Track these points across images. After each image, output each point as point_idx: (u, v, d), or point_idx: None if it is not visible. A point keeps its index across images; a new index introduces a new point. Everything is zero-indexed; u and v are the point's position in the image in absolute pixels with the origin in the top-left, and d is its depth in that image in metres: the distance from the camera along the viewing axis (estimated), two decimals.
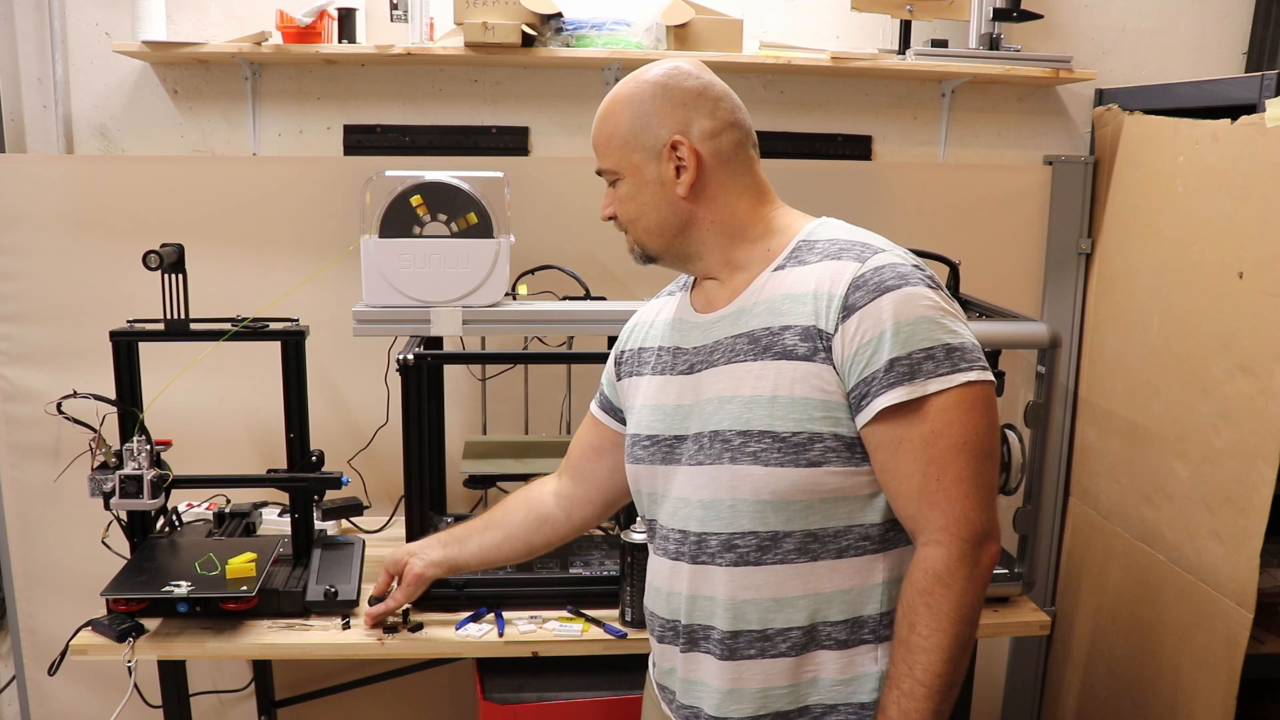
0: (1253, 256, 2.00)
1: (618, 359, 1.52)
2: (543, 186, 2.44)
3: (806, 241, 1.29)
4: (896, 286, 1.18)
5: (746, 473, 1.23)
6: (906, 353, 1.16)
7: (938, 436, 1.17)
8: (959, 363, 1.17)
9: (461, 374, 2.47)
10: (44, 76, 2.43)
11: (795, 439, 1.20)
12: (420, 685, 2.48)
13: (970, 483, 1.18)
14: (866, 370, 1.18)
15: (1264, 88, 2.05)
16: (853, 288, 1.19)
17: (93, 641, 1.82)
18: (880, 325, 1.17)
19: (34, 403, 2.34)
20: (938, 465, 1.17)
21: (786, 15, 2.56)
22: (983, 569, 1.20)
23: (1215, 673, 2.07)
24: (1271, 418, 1.93)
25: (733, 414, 1.25)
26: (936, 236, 2.39)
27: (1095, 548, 2.57)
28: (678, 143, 1.29)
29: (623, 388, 1.49)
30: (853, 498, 1.23)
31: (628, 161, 1.32)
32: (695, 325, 1.36)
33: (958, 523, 1.18)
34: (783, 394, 1.21)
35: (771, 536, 1.24)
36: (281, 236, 2.43)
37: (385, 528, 2.38)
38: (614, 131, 1.33)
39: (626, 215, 1.35)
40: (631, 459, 1.42)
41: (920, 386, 1.16)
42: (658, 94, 1.31)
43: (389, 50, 2.29)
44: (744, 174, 1.33)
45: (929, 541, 1.19)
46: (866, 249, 1.23)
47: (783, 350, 1.22)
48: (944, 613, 1.18)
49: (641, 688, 1.52)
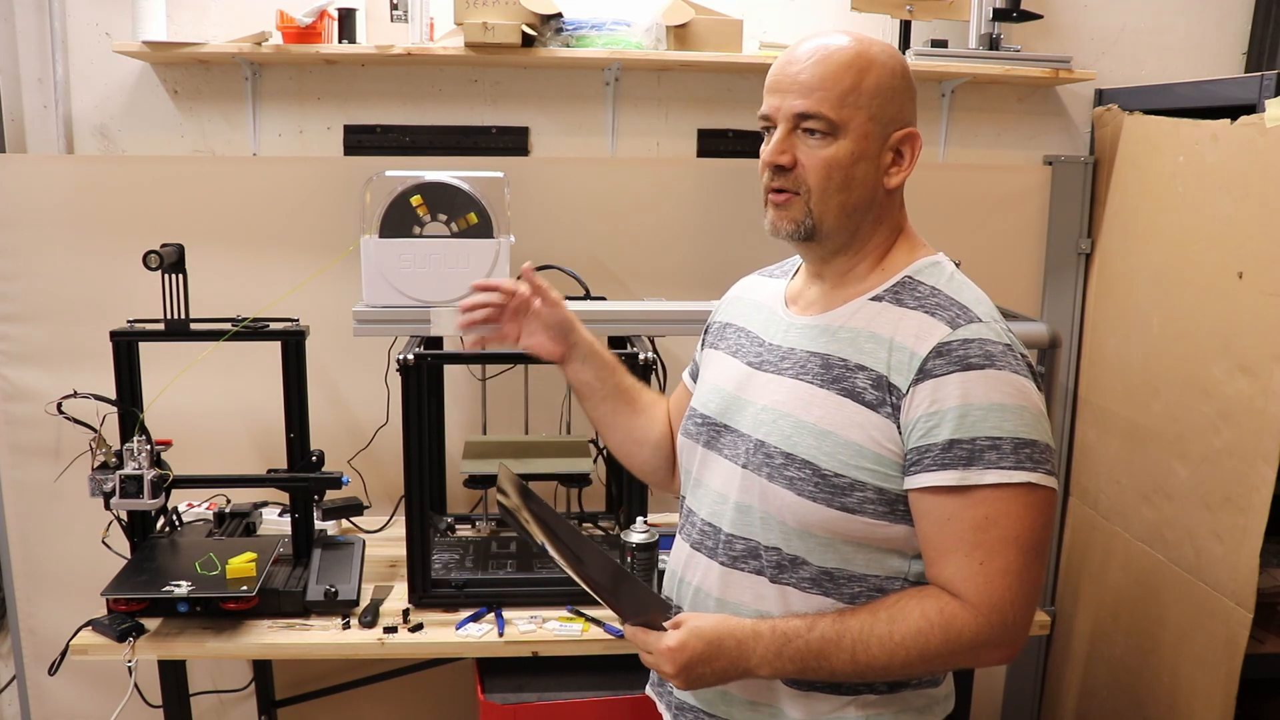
0: (1252, 256, 2.00)
1: (707, 328, 1.48)
2: (543, 186, 2.45)
3: (911, 280, 1.23)
4: (979, 366, 1.13)
5: (778, 494, 1.21)
6: (970, 437, 1.12)
7: (990, 524, 1.12)
8: (1024, 460, 1.11)
9: (461, 374, 2.47)
10: (44, 76, 2.43)
11: (837, 480, 1.17)
12: (420, 685, 2.48)
13: (1016, 576, 1.13)
14: (924, 440, 1.14)
15: (1264, 88, 2.05)
16: (935, 353, 1.14)
17: (93, 641, 1.82)
18: (948, 401, 1.12)
19: (34, 403, 2.34)
20: (984, 551, 1.12)
21: (786, 15, 2.56)
22: (989, 656, 1.17)
23: (1215, 672, 2.07)
24: (1271, 418, 1.93)
25: (782, 431, 1.22)
26: (936, 236, 2.37)
27: (1095, 548, 2.57)
28: (914, 136, 1.21)
29: (704, 358, 1.45)
30: (880, 550, 1.20)
31: (858, 123, 1.18)
32: (782, 321, 1.31)
33: (993, 610, 1.13)
34: (837, 432, 1.18)
35: (791, 560, 1.23)
36: (281, 236, 2.43)
37: (385, 528, 2.38)
38: (855, 84, 1.17)
39: (823, 177, 1.19)
40: (683, 431, 1.39)
41: (976, 475, 1.11)
42: (906, 76, 1.21)
43: (389, 50, 2.29)
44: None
45: (965, 604, 1.14)
46: (964, 313, 1.17)
47: (851, 390, 1.18)
48: (928, 653, 1.15)
49: (642, 688, 1.52)
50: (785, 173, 1.20)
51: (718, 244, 2.51)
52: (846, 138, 1.18)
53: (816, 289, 1.30)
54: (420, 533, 1.96)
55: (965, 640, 1.14)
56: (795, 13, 2.57)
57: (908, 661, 1.15)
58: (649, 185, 2.52)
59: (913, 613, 1.15)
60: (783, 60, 1.22)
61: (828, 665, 1.17)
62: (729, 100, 2.59)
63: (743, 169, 2.45)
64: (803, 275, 1.35)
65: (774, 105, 1.21)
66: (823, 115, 1.17)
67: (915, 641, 1.14)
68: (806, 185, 1.20)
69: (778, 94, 1.21)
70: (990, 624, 1.13)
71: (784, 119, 1.20)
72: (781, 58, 1.23)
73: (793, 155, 1.19)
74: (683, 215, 2.53)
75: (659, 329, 2.13)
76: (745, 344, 1.35)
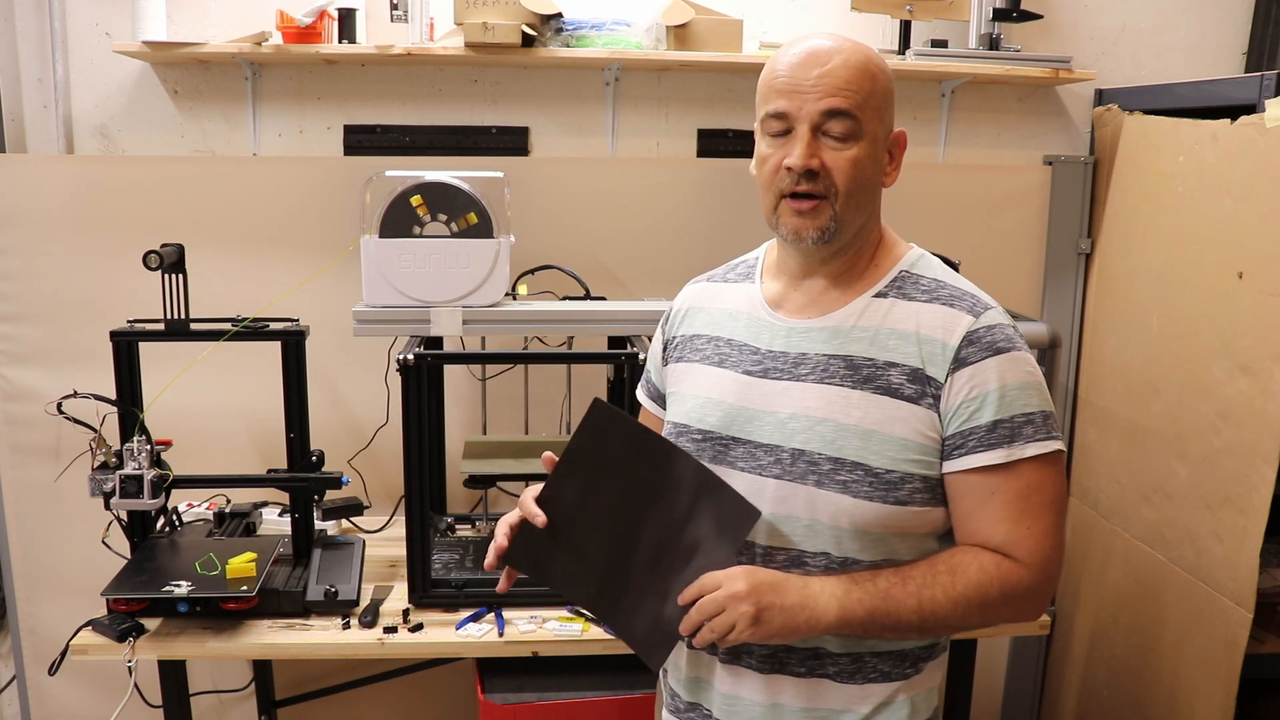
0: (1253, 256, 2.00)
1: (666, 343, 1.44)
2: (543, 186, 2.45)
3: (909, 274, 1.27)
4: (1005, 350, 1.20)
5: (832, 500, 1.22)
6: (1009, 416, 1.19)
7: (1032, 491, 1.21)
8: (1052, 430, 1.22)
9: (461, 374, 2.47)
10: (44, 76, 2.43)
11: (889, 476, 1.21)
12: (420, 685, 2.48)
13: (1055, 536, 1.23)
14: (967, 424, 1.20)
15: (1264, 88, 2.05)
16: (966, 341, 1.20)
17: (93, 641, 1.82)
18: (987, 385, 1.19)
19: (34, 403, 2.34)
20: (1030, 516, 1.21)
21: (786, 15, 2.57)
22: (1035, 605, 1.24)
23: (1215, 672, 2.07)
24: (1271, 418, 1.93)
25: (823, 437, 1.22)
26: (936, 236, 2.37)
27: (1095, 548, 2.57)
28: (903, 137, 1.27)
29: (671, 374, 1.41)
30: (921, 536, 1.26)
31: (873, 125, 1.20)
32: (775, 327, 1.30)
33: (1043, 567, 1.22)
34: (881, 430, 1.21)
35: (842, 561, 1.23)
36: (281, 236, 2.43)
37: (385, 528, 2.38)
38: (871, 87, 1.19)
39: (850, 179, 1.20)
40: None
41: (1019, 450, 1.19)
42: (892, 79, 1.26)
43: (389, 50, 2.29)
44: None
45: (1018, 562, 1.22)
46: (977, 302, 1.24)
47: (887, 387, 1.21)
48: (986, 603, 1.20)
49: (642, 688, 1.52)
50: (815, 177, 1.19)
51: (718, 244, 2.48)
52: (865, 139, 1.20)
53: (806, 291, 1.29)
54: (420, 533, 1.96)
55: (1020, 593, 1.21)
56: (795, 13, 2.57)
57: (968, 611, 1.21)
58: (649, 185, 2.52)
59: (970, 566, 1.21)
60: (792, 62, 1.20)
61: (894, 610, 1.20)
62: (729, 100, 2.59)
63: (743, 169, 2.42)
64: (776, 277, 1.33)
65: (794, 105, 1.19)
66: (853, 114, 1.18)
67: (976, 593, 1.20)
68: (835, 189, 1.19)
69: (794, 95, 1.18)
70: (1039, 579, 1.22)
71: (807, 119, 1.18)
72: (786, 59, 1.21)
73: (820, 158, 1.19)
74: (683, 215, 2.53)
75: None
76: (733, 353, 1.32)
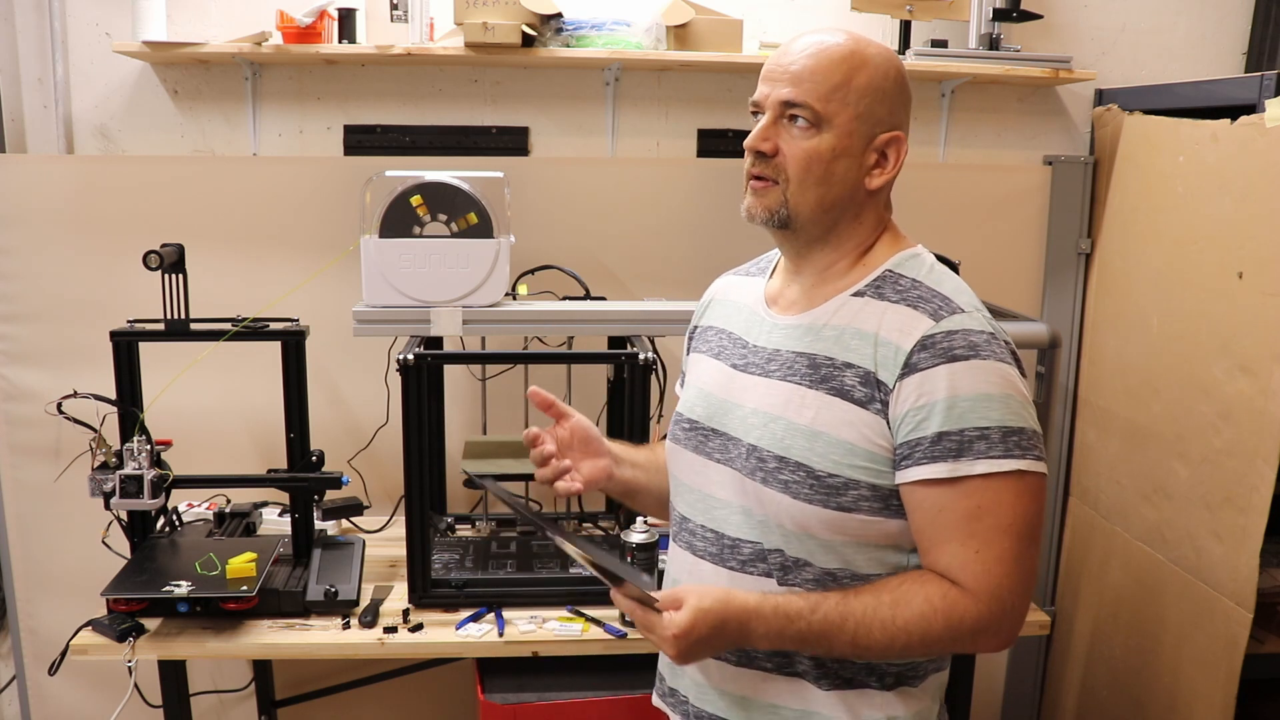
0: (1253, 256, 2.00)
1: (690, 334, 1.47)
2: (543, 186, 2.45)
3: (892, 273, 1.24)
4: (964, 357, 1.13)
5: (775, 499, 1.21)
6: (958, 429, 1.12)
7: (983, 514, 1.13)
8: (1013, 449, 1.13)
9: (461, 374, 2.47)
10: (44, 76, 2.43)
11: (831, 480, 1.17)
12: (420, 685, 2.48)
13: (1012, 564, 1.14)
14: (913, 434, 1.14)
15: (1264, 88, 2.05)
16: (919, 346, 1.15)
17: (93, 641, 1.82)
18: (935, 394, 1.13)
19: (34, 403, 2.34)
20: (980, 540, 1.14)
21: (786, 15, 2.56)
22: (988, 643, 1.18)
23: (1215, 672, 2.07)
24: (1271, 418, 1.93)
25: (774, 435, 1.21)
26: (936, 236, 2.37)
27: (1095, 548, 2.57)
28: (900, 140, 1.23)
29: (689, 363, 1.44)
30: (878, 548, 1.21)
31: (842, 119, 1.19)
32: (765, 322, 1.31)
33: (992, 598, 1.14)
34: (828, 432, 1.18)
35: (795, 562, 1.23)
36: (281, 236, 2.43)
37: (385, 528, 2.38)
38: (844, 80, 1.19)
39: (802, 167, 1.20)
40: (671, 437, 1.38)
41: (966, 466, 1.12)
42: (901, 80, 1.23)
43: (389, 50, 2.29)
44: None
45: (965, 591, 1.15)
46: (945, 305, 1.18)
47: (840, 388, 1.18)
48: (929, 638, 1.15)
49: (642, 688, 1.52)
50: (766, 159, 1.22)
51: (718, 244, 2.50)
52: (830, 132, 1.19)
53: (796, 287, 1.30)
54: (420, 533, 1.96)
55: (966, 627, 1.14)
56: (795, 13, 2.57)
57: (908, 645, 1.16)
58: (649, 185, 2.52)
59: (916, 597, 1.15)
60: (779, 51, 1.25)
61: (828, 646, 1.18)
62: (729, 100, 2.59)
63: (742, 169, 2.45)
64: (781, 273, 1.34)
65: (764, 93, 1.23)
66: (808, 105, 1.19)
67: (918, 626, 1.14)
68: (786, 174, 1.21)
69: (769, 82, 1.23)
70: (990, 611, 1.14)
71: (771, 106, 1.22)
72: (778, 49, 1.25)
73: (775, 143, 1.21)
74: (683, 215, 2.53)
75: (659, 329, 2.13)
76: (728, 346, 1.34)
